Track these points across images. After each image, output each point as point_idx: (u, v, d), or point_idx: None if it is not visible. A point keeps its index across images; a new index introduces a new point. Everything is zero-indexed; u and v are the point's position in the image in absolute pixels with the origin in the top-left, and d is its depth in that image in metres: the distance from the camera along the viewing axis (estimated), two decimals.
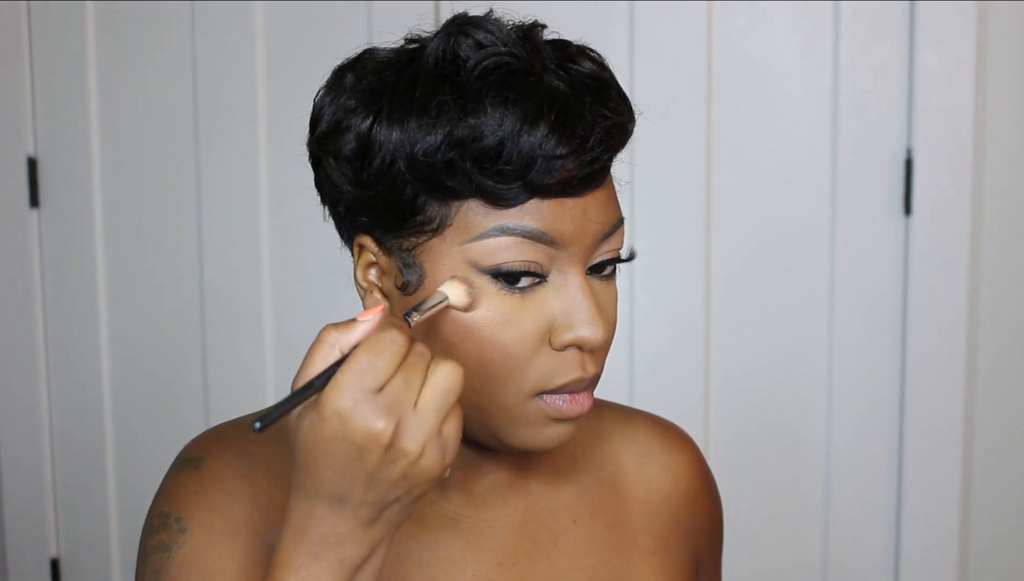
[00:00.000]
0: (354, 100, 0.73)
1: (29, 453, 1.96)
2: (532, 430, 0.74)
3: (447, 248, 0.71)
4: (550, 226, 0.70)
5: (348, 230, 0.77)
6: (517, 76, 0.70)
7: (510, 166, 0.68)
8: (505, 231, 0.70)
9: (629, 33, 1.68)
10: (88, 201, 1.88)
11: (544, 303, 0.72)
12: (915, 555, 1.69)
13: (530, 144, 0.68)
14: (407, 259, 0.73)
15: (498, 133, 0.68)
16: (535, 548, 0.82)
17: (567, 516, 0.84)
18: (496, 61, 0.70)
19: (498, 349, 0.71)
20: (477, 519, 0.81)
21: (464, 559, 0.79)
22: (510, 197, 0.69)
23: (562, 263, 0.72)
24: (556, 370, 0.73)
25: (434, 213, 0.71)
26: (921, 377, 1.66)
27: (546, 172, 0.69)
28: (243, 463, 0.77)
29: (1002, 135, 1.62)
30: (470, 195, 0.70)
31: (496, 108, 0.68)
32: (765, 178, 1.68)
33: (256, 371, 1.85)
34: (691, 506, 0.90)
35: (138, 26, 1.84)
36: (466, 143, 0.68)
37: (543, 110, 0.69)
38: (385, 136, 0.71)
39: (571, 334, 0.72)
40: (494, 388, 0.72)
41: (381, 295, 0.75)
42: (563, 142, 0.69)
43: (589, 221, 0.72)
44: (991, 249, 1.64)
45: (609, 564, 0.83)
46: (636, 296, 1.70)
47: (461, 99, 0.69)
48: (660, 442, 0.91)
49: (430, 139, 0.69)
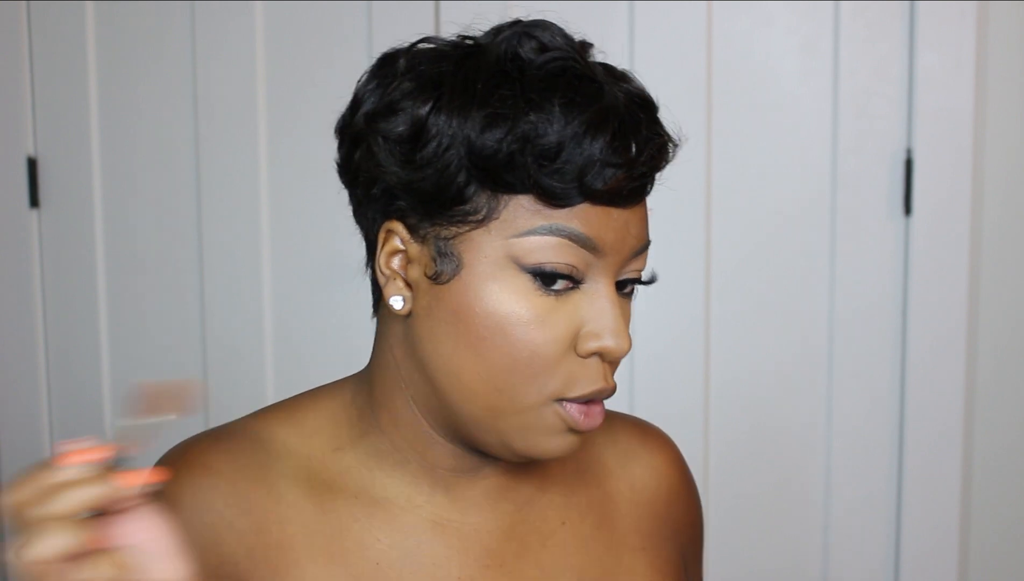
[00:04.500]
0: (409, 83, 0.73)
1: (29, 453, 1.96)
2: (544, 436, 0.74)
3: (490, 241, 0.71)
4: (595, 232, 0.71)
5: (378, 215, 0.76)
6: (583, 81, 0.71)
7: (569, 167, 0.69)
8: (553, 231, 0.71)
9: (629, 33, 1.68)
10: (88, 201, 1.88)
11: (576, 308, 0.73)
12: (915, 555, 1.69)
13: (591, 149, 0.70)
14: (444, 248, 0.73)
15: (562, 134, 0.69)
16: (523, 549, 0.81)
17: (555, 518, 0.84)
18: (562, 65, 0.72)
19: (528, 348, 0.72)
20: (464, 523, 0.80)
21: (449, 562, 0.79)
22: (564, 197, 0.70)
23: (596, 272, 0.73)
24: (580, 378, 0.73)
25: (482, 204, 0.71)
26: (921, 377, 1.66)
27: (600, 178, 0.70)
28: (203, 484, 0.76)
29: (1002, 135, 1.62)
30: (523, 191, 0.71)
31: (563, 109, 0.70)
32: (765, 178, 1.68)
33: (256, 371, 1.84)
34: (674, 503, 0.91)
35: (138, 26, 1.84)
36: (529, 139, 0.69)
37: (608, 118, 0.70)
38: (444, 122, 0.71)
39: (597, 342, 0.73)
40: (517, 387, 0.72)
41: (404, 284, 0.75)
42: (620, 152, 0.70)
43: (629, 234, 0.74)
44: (991, 249, 1.64)
45: (599, 562, 0.83)
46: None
47: (525, 96, 0.70)
48: (642, 442, 0.91)
49: (493, 131, 0.70)
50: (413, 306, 0.75)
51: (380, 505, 0.79)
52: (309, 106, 1.77)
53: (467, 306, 0.72)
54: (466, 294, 0.72)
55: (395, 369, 0.78)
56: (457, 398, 0.74)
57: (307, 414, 0.82)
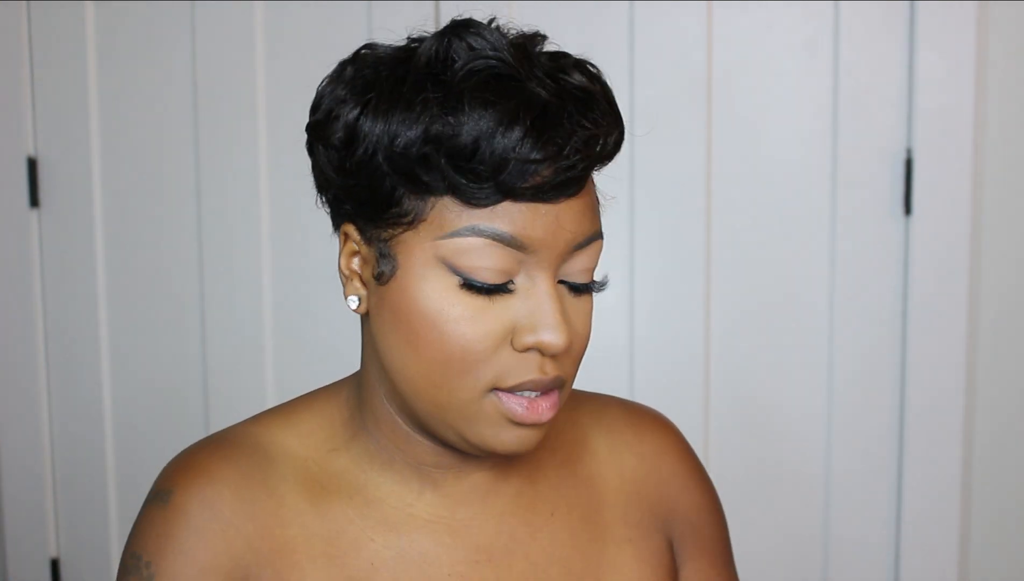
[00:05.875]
0: (346, 91, 0.75)
1: (29, 453, 1.96)
2: (490, 430, 0.75)
3: (419, 242, 0.72)
4: (520, 231, 0.71)
5: (335, 217, 0.78)
6: (500, 80, 0.71)
7: (483, 166, 0.69)
8: (476, 232, 0.71)
9: (629, 33, 1.68)
10: (88, 201, 1.88)
11: (510, 305, 0.73)
12: (915, 554, 1.69)
13: (504, 146, 0.69)
14: (383, 249, 0.74)
15: (473, 132, 0.69)
16: (512, 543, 0.82)
17: (545, 509, 0.84)
18: (483, 64, 0.71)
19: (459, 343, 0.72)
20: (453, 519, 0.81)
21: (439, 559, 0.80)
22: (481, 197, 0.70)
23: (531, 268, 0.73)
24: (513, 369, 0.73)
25: (410, 206, 0.72)
26: (921, 377, 1.66)
27: (519, 175, 0.70)
28: (208, 493, 0.78)
29: (1002, 135, 1.62)
30: (443, 192, 0.71)
31: (474, 108, 0.69)
32: (765, 178, 1.68)
33: (256, 370, 1.85)
34: (665, 490, 0.90)
35: (138, 26, 1.84)
36: (442, 139, 0.69)
37: (519, 114, 0.69)
38: (370, 127, 0.72)
39: (532, 337, 0.73)
40: (452, 381, 0.73)
41: (360, 283, 0.77)
42: (538, 147, 0.69)
43: (561, 229, 0.72)
44: (991, 249, 1.64)
45: (584, 555, 0.84)
46: (636, 295, 1.70)
47: (443, 97, 0.70)
48: (633, 428, 0.91)
49: (409, 133, 0.70)
50: (368, 305, 0.77)
51: (374, 505, 0.80)
52: (309, 106, 1.77)
53: (404, 305, 0.73)
54: (402, 294, 0.73)
55: (371, 371, 0.80)
56: (409, 395, 0.76)
57: (303, 416, 0.83)
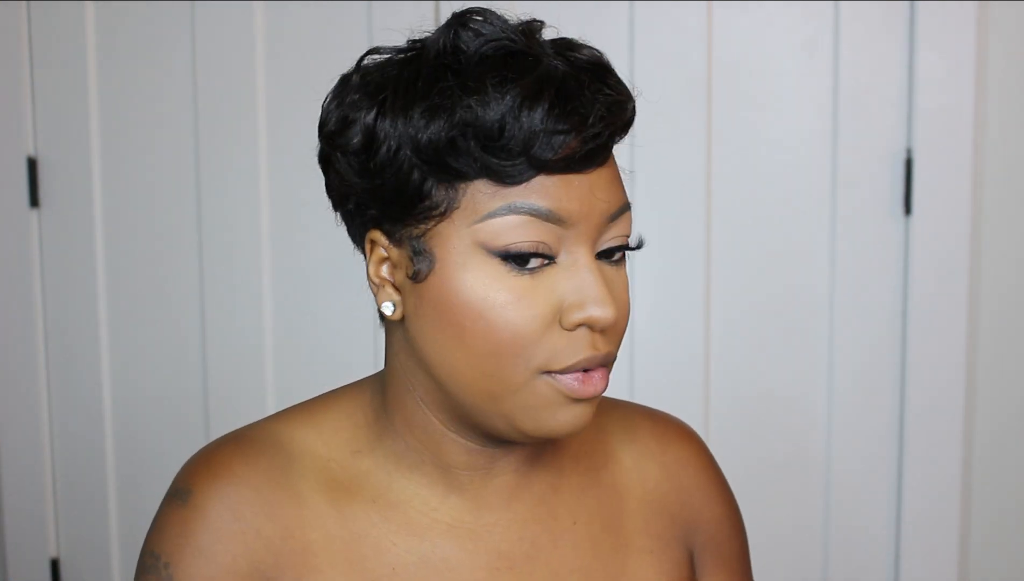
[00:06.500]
0: (358, 95, 0.74)
1: (29, 453, 1.96)
2: (547, 411, 0.74)
3: (456, 231, 0.72)
4: (556, 204, 0.71)
5: (359, 227, 0.77)
6: (515, 58, 0.71)
7: (513, 142, 0.69)
8: (512, 210, 0.71)
9: (629, 33, 1.68)
10: (88, 201, 1.88)
11: (555, 284, 0.72)
12: (915, 553, 1.69)
13: (531, 120, 0.69)
14: (417, 246, 0.73)
15: (499, 111, 0.69)
16: (534, 550, 0.81)
17: (567, 517, 0.83)
18: (495, 46, 0.72)
19: (508, 329, 0.71)
20: (477, 524, 0.80)
21: (460, 565, 0.79)
22: (515, 173, 0.70)
23: (570, 243, 0.72)
24: (566, 349, 0.72)
25: (441, 197, 0.72)
26: (921, 377, 1.66)
27: (548, 148, 0.70)
28: (229, 493, 0.77)
29: (1002, 135, 1.62)
30: (476, 175, 0.71)
31: (496, 88, 0.69)
32: (765, 178, 1.68)
33: (256, 370, 1.85)
34: (687, 502, 0.89)
35: (138, 26, 1.84)
36: (468, 123, 0.69)
37: (542, 87, 0.70)
38: (390, 125, 0.72)
39: (582, 313, 0.72)
40: (504, 369, 0.72)
41: (393, 289, 0.76)
42: (563, 118, 0.70)
43: (596, 199, 0.72)
44: (991, 249, 1.64)
45: (604, 565, 0.83)
46: (635, 294, 1.70)
47: (462, 83, 0.70)
48: (657, 438, 0.90)
49: (433, 123, 0.70)
50: (404, 309, 0.76)
51: (397, 509, 0.79)
52: (309, 106, 1.76)
53: (446, 299, 0.72)
54: (443, 287, 0.72)
55: (402, 374, 0.79)
56: (457, 390, 0.75)
57: (326, 415, 0.82)
